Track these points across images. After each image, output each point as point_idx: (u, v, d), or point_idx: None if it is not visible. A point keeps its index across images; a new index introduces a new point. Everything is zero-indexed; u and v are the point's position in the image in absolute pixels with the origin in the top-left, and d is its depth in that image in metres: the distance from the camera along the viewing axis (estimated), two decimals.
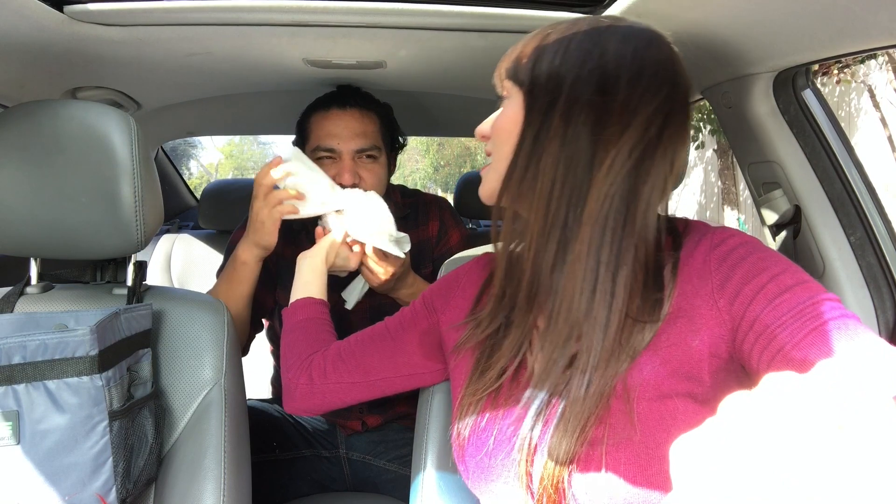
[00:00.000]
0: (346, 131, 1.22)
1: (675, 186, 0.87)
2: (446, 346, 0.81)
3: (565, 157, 0.61)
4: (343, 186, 1.20)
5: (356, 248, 1.13)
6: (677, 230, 0.68)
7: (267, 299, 1.31)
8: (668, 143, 0.62)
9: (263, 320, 1.38)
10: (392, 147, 1.34)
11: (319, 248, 1.08)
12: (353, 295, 1.22)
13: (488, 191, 0.71)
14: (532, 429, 0.63)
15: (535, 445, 0.62)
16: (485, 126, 0.73)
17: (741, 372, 0.62)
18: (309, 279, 1.03)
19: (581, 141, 0.61)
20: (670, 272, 0.64)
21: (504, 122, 0.68)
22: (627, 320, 0.61)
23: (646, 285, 0.63)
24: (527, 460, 0.62)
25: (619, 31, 0.63)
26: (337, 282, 1.18)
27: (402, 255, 1.13)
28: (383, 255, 1.13)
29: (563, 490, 0.59)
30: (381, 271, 1.13)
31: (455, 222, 1.39)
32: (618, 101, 0.60)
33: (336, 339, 0.93)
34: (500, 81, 0.71)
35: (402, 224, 1.33)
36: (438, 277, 0.98)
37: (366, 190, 1.19)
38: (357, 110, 1.24)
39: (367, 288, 1.21)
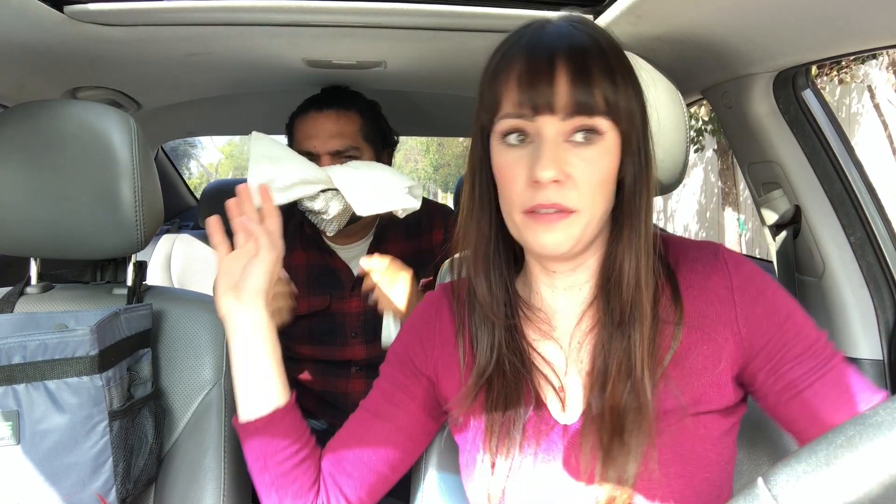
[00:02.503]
0: (321, 133, 1.21)
1: (674, 187, 0.87)
2: (448, 400, 0.73)
3: (647, 191, 0.63)
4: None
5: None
6: (665, 242, 0.70)
7: None
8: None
9: None
10: (383, 145, 1.32)
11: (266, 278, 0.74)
12: (391, 336, 1.09)
13: (577, 245, 0.62)
14: (586, 467, 0.62)
15: (598, 480, 0.61)
16: (559, 173, 0.58)
17: (745, 385, 0.66)
18: (255, 363, 0.72)
19: (648, 176, 0.63)
20: (673, 289, 0.66)
21: (606, 169, 0.60)
22: (657, 324, 0.63)
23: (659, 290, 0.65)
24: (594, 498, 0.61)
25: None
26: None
27: (418, 205, 1.09)
28: (395, 273, 1.08)
29: None
30: (405, 280, 1.07)
31: None
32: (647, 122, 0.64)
33: (314, 443, 0.74)
34: (583, 112, 0.59)
35: (404, 231, 1.31)
36: (440, 276, 0.98)
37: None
38: (334, 112, 1.23)
39: (398, 321, 1.11)
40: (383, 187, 1.06)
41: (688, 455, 0.61)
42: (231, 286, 0.71)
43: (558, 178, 0.58)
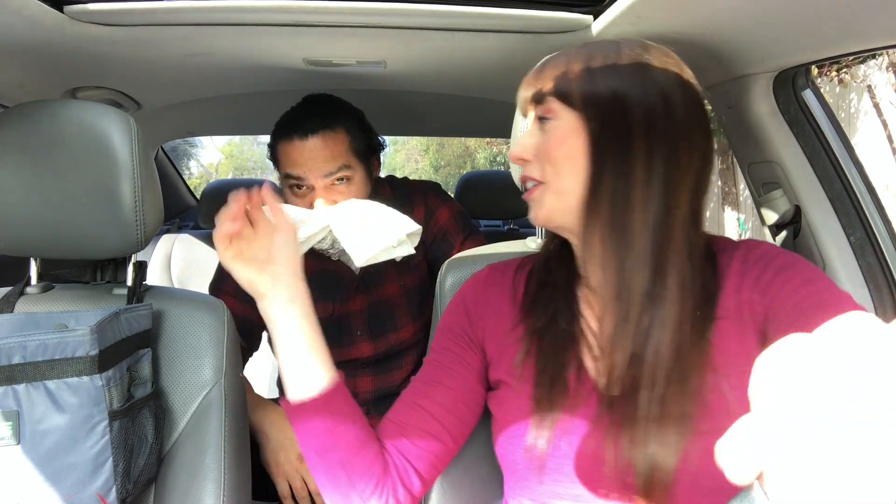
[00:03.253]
0: (310, 161, 1.17)
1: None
2: (498, 366, 0.76)
3: (655, 182, 0.65)
4: None
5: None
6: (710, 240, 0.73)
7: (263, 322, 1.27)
8: (710, 155, 0.69)
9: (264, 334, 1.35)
10: (371, 152, 1.28)
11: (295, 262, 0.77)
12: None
13: (549, 214, 0.70)
14: (630, 433, 0.64)
15: (639, 448, 0.63)
16: (525, 150, 0.71)
17: None
18: (306, 337, 0.72)
19: (663, 166, 0.65)
20: (712, 273, 0.69)
21: (563, 145, 0.68)
22: (698, 317, 0.66)
23: (703, 284, 0.67)
24: (632, 464, 0.63)
25: (654, 53, 0.68)
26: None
27: (413, 250, 1.08)
28: None
29: (667, 486, 0.62)
30: None
31: (441, 200, 1.34)
32: (679, 124, 0.66)
33: (363, 420, 0.72)
34: (536, 101, 0.70)
35: None
36: (440, 277, 0.97)
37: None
38: (319, 137, 1.16)
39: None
40: (382, 237, 1.05)
41: (717, 417, 0.62)
42: (261, 269, 0.72)
43: (522, 156, 0.71)
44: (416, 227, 1.07)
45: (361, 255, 1.04)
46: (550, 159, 0.68)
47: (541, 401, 0.69)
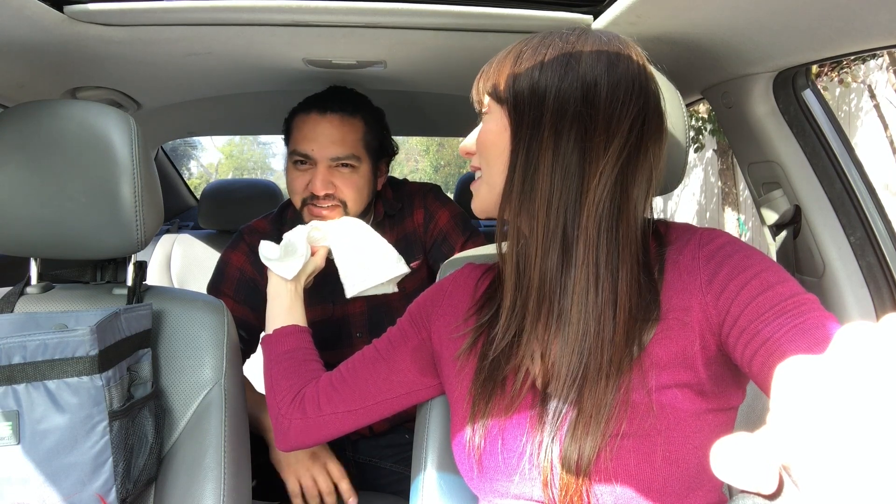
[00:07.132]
0: (322, 137, 1.17)
1: (673, 187, 0.87)
2: (441, 357, 0.80)
3: (559, 168, 0.64)
4: (314, 195, 1.17)
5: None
6: (660, 232, 0.71)
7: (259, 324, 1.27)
8: (648, 145, 0.66)
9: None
10: (380, 154, 1.28)
11: (302, 272, 1.03)
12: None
13: (482, 205, 0.73)
14: (552, 430, 0.64)
15: (560, 445, 0.63)
16: (469, 143, 0.74)
17: (732, 363, 0.64)
18: (290, 303, 0.99)
19: (571, 152, 0.64)
20: (658, 270, 0.67)
21: (490, 138, 0.69)
22: (629, 317, 0.64)
23: (639, 283, 0.65)
24: (552, 461, 0.63)
25: (589, 43, 0.66)
26: (320, 288, 1.15)
27: (396, 289, 1.13)
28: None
29: (583, 484, 0.61)
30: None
31: (441, 203, 1.34)
32: (600, 111, 0.63)
33: (323, 368, 0.91)
34: (478, 98, 0.72)
35: (389, 221, 1.31)
36: (438, 278, 0.98)
37: (341, 199, 1.18)
38: (338, 116, 1.18)
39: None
40: (376, 275, 1.09)
41: (647, 429, 0.61)
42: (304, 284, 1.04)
43: (468, 149, 0.74)
44: (406, 271, 1.11)
45: (353, 288, 1.09)
46: (482, 152, 0.71)
47: (476, 397, 0.70)
